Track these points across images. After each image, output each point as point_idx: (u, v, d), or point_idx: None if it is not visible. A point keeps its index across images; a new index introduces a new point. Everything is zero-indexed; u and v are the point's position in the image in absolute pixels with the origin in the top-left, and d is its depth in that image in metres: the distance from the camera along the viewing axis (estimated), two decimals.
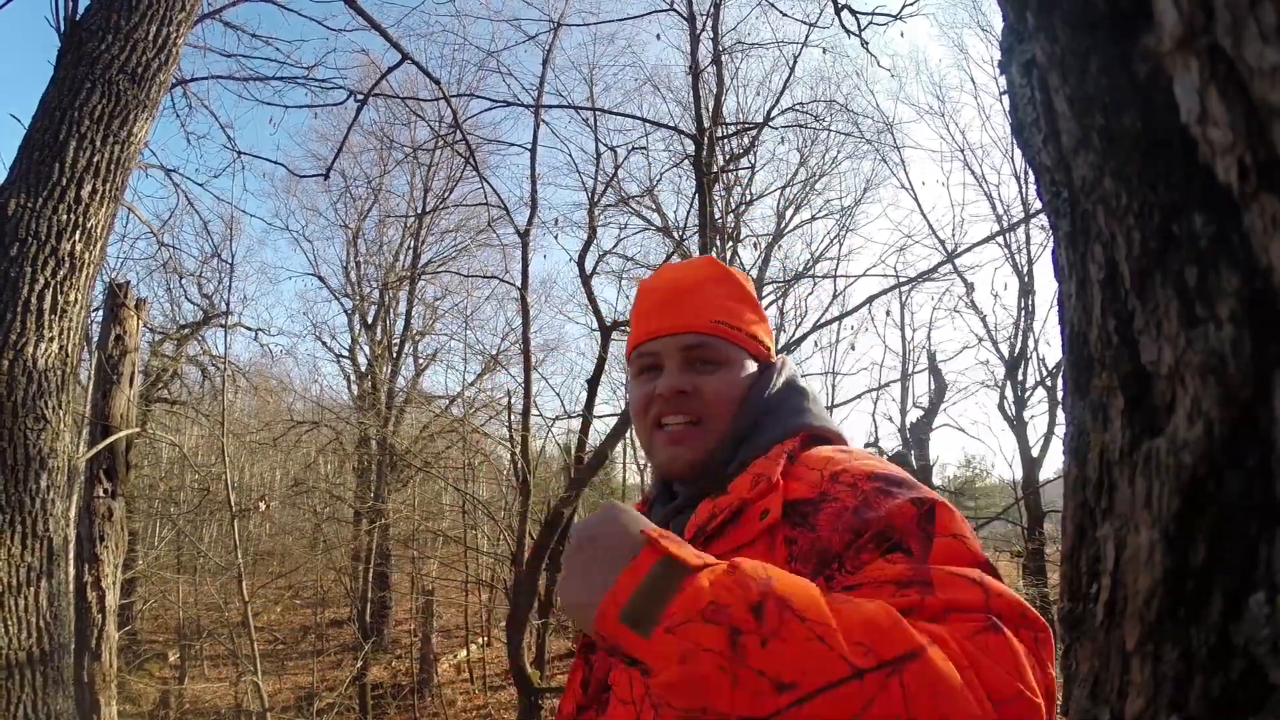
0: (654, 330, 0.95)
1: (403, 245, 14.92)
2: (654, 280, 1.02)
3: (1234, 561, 0.22)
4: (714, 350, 0.93)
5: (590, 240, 8.23)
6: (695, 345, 0.93)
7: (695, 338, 0.93)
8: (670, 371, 0.93)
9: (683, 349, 0.93)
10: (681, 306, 0.96)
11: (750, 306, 1.00)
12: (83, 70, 2.42)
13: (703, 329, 0.93)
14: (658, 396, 0.92)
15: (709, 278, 0.99)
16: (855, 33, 4.76)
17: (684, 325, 0.94)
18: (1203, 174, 0.22)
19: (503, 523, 9.04)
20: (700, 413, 0.91)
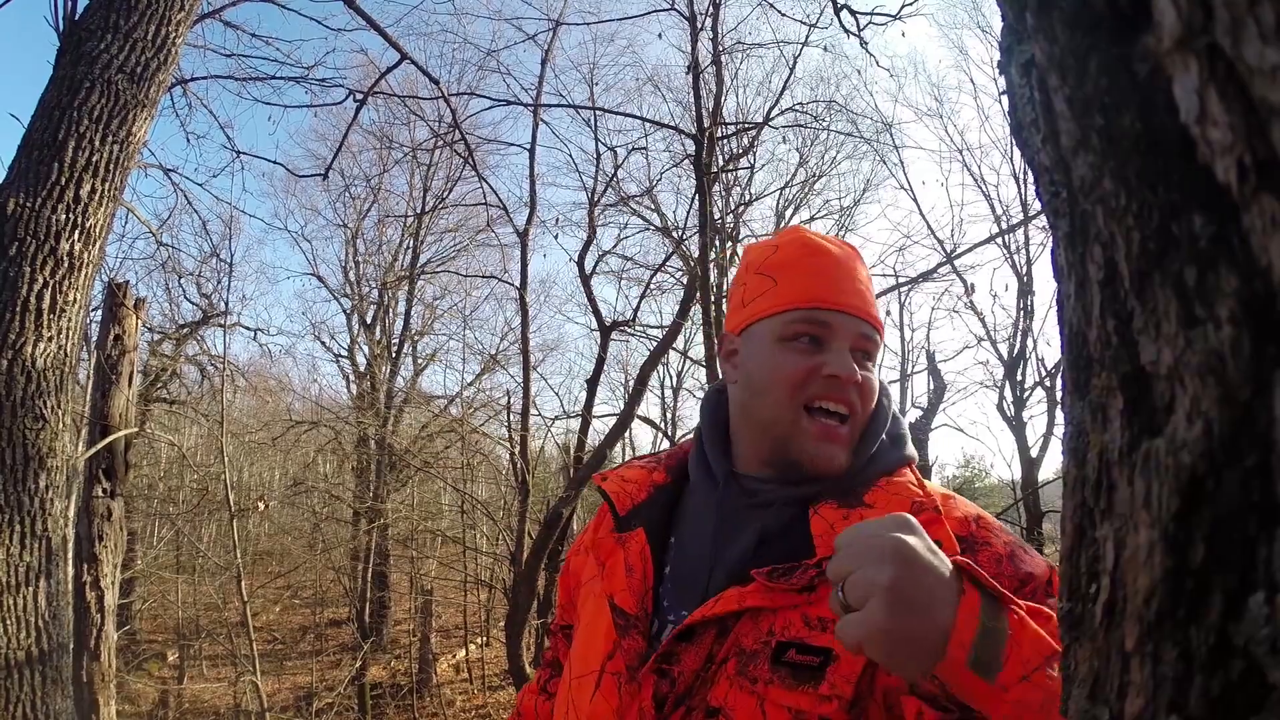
0: (836, 300, 0.84)
1: (402, 245, 14.91)
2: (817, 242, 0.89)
3: (1233, 561, 0.22)
4: (875, 346, 0.86)
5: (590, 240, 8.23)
6: (869, 337, 0.85)
7: (869, 328, 0.85)
8: (844, 354, 0.82)
9: (860, 335, 0.84)
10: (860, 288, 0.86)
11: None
12: (82, 70, 2.41)
13: (877, 322, 0.86)
14: (830, 377, 0.81)
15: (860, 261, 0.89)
16: (855, 33, 4.77)
17: (866, 311, 0.85)
18: (1202, 174, 0.23)
19: (502, 523, 9.04)
20: (856, 409, 0.83)
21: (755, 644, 0.73)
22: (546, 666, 1.09)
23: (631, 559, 0.85)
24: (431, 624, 11.71)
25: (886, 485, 0.80)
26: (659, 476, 0.93)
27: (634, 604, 0.82)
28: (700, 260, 5.91)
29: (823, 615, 0.71)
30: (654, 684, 0.76)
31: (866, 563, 0.57)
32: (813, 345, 0.83)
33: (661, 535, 0.88)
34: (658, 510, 0.90)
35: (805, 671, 0.69)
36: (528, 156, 8.00)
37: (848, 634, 0.56)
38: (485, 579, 10.80)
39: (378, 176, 14.20)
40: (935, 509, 0.75)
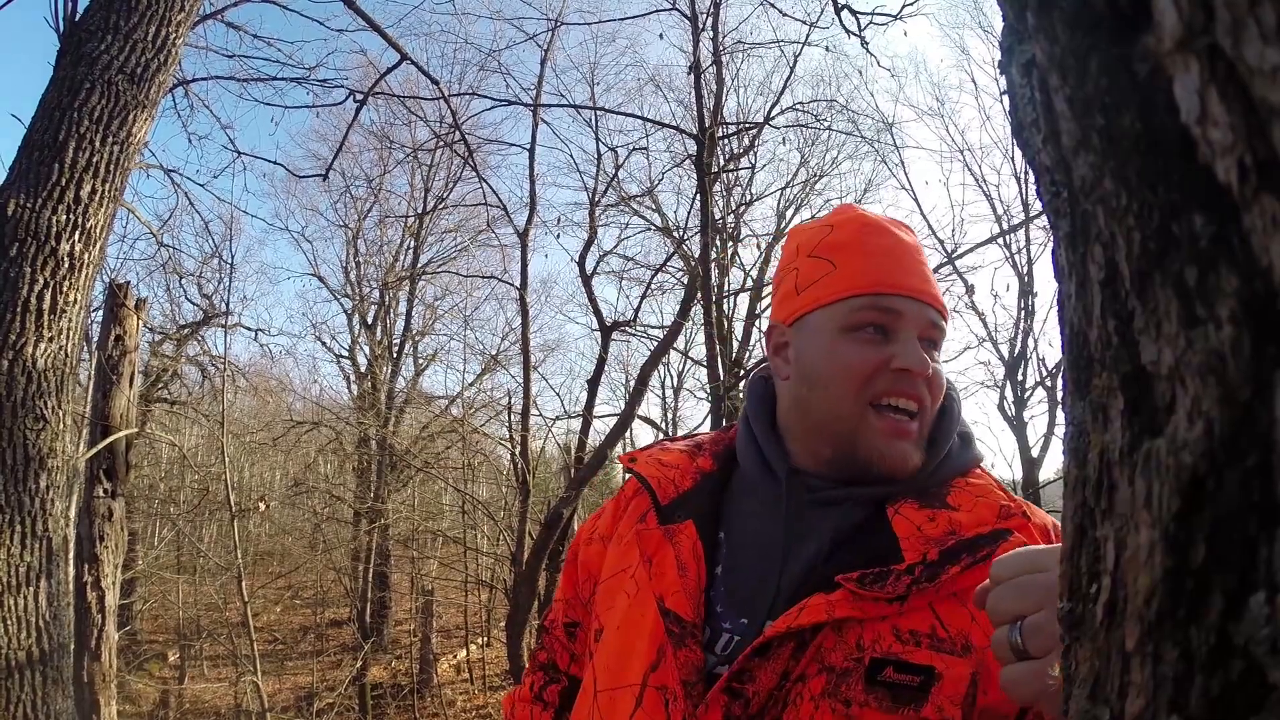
0: (904, 285, 0.76)
1: (402, 245, 14.93)
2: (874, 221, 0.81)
3: (1233, 561, 0.22)
4: (942, 335, 0.79)
5: (591, 240, 8.23)
6: (937, 324, 0.77)
7: (939, 316, 0.78)
8: (914, 344, 0.75)
9: (929, 323, 0.76)
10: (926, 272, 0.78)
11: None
12: (82, 70, 2.42)
13: (944, 309, 0.78)
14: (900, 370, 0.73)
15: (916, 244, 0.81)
16: (855, 33, 4.77)
17: (934, 296, 0.77)
18: (1203, 174, 0.23)
19: (502, 523, 9.04)
20: (926, 404, 0.76)
21: (846, 660, 0.65)
22: (538, 670, 0.95)
23: (684, 556, 0.76)
24: (432, 624, 11.71)
25: (965, 486, 0.74)
26: (705, 463, 0.85)
27: (690, 609, 0.72)
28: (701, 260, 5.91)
29: (915, 629, 0.65)
30: (724, 705, 0.67)
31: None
32: (879, 335, 0.75)
33: (710, 531, 0.79)
34: (706, 501, 0.81)
35: (906, 692, 0.62)
36: (528, 156, 8.01)
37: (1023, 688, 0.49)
38: (486, 579, 10.80)
39: (378, 177, 14.22)
40: (1023, 514, 0.70)
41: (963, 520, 0.70)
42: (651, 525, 0.80)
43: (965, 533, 0.68)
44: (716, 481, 0.83)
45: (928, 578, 0.65)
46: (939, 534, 0.69)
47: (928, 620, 0.66)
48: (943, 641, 0.64)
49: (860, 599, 0.66)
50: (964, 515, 0.70)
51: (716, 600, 0.75)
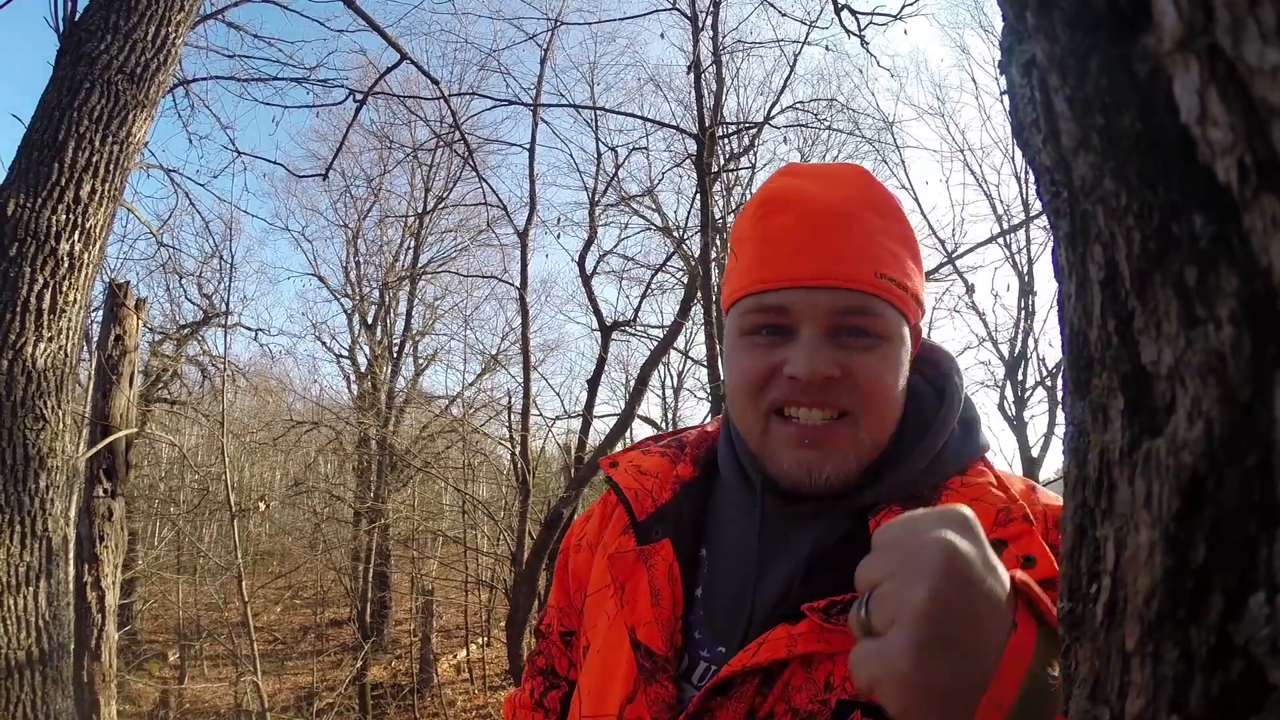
0: (791, 275, 0.66)
1: (403, 245, 14.93)
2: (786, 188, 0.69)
3: (1233, 561, 0.22)
4: (877, 319, 0.66)
5: (590, 240, 8.23)
6: (853, 309, 0.65)
7: (855, 297, 0.65)
8: (811, 343, 0.65)
9: (834, 313, 0.65)
10: (837, 244, 0.66)
11: (913, 251, 0.70)
12: (82, 70, 2.42)
13: (867, 285, 0.65)
14: (790, 379, 0.64)
15: (869, 202, 0.68)
16: (855, 33, 4.77)
17: (841, 275, 0.65)
18: (1203, 174, 0.23)
19: (503, 523, 9.05)
20: (852, 405, 0.65)
21: (811, 702, 0.59)
22: (538, 675, 0.90)
23: (658, 581, 0.70)
24: (432, 624, 11.71)
25: (961, 488, 0.65)
26: (685, 470, 0.76)
27: (662, 642, 0.67)
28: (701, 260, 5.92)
29: None
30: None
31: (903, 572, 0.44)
32: (776, 337, 0.67)
33: (691, 547, 0.72)
34: (686, 514, 0.73)
35: None
36: (528, 156, 8.01)
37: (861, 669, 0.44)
38: (486, 579, 10.80)
39: (378, 177, 14.23)
40: (1025, 517, 0.60)
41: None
42: (628, 546, 0.74)
43: None
44: (698, 490, 0.75)
45: None
46: None
47: None
48: None
49: (827, 632, 0.59)
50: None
51: (696, 625, 0.69)
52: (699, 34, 6.20)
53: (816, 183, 0.69)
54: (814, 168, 0.72)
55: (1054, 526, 0.63)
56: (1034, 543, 0.59)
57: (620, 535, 0.76)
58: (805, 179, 0.70)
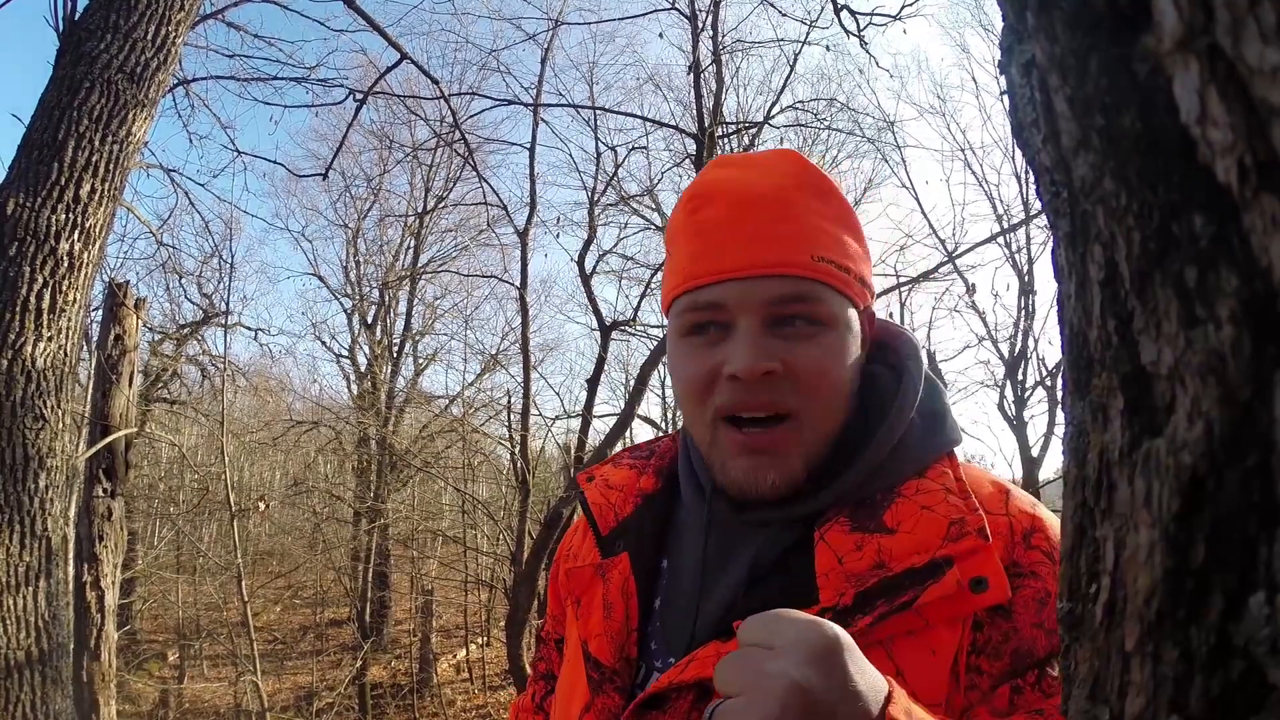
0: (723, 268, 0.62)
1: (402, 245, 14.93)
2: (715, 179, 0.67)
3: (1233, 561, 0.22)
4: (817, 304, 0.62)
5: (590, 240, 8.23)
6: (791, 297, 0.62)
7: (791, 284, 0.62)
8: (748, 337, 0.61)
9: (771, 302, 0.62)
10: (767, 231, 0.62)
11: (855, 231, 0.67)
12: (81, 70, 2.41)
13: (804, 269, 0.62)
14: (729, 378, 0.61)
15: (803, 184, 0.65)
16: (855, 33, 4.77)
17: (776, 262, 0.61)
18: (1203, 174, 0.23)
19: (502, 523, 9.05)
20: (794, 404, 0.61)
21: None
22: (540, 679, 0.91)
23: (611, 594, 0.69)
24: (432, 624, 11.71)
25: (915, 494, 0.61)
26: (647, 482, 0.75)
27: (610, 654, 0.66)
28: None
29: None
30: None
31: (750, 694, 0.44)
32: (713, 334, 0.64)
33: (652, 559, 0.71)
34: (647, 527, 0.72)
35: None
36: (528, 156, 8.00)
37: None
38: (486, 579, 10.80)
39: (378, 176, 14.23)
40: (981, 532, 0.56)
41: (895, 547, 0.57)
42: (590, 559, 0.74)
43: (895, 566, 0.56)
44: (660, 502, 0.74)
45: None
46: (863, 569, 0.57)
47: None
48: None
49: None
50: (900, 539, 0.58)
51: (653, 636, 0.68)
52: (699, 34, 6.20)
53: (747, 171, 0.66)
54: (744, 156, 0.70)
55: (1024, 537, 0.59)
56: (987, 563, 0.55)
57: (592, 549, 0.75)
58: (735, 168, 0.67)
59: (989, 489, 0.63)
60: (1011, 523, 0.59)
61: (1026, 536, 0.59)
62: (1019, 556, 0.58)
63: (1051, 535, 0.59)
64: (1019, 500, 0.62)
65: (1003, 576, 0.55)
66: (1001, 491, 0.63)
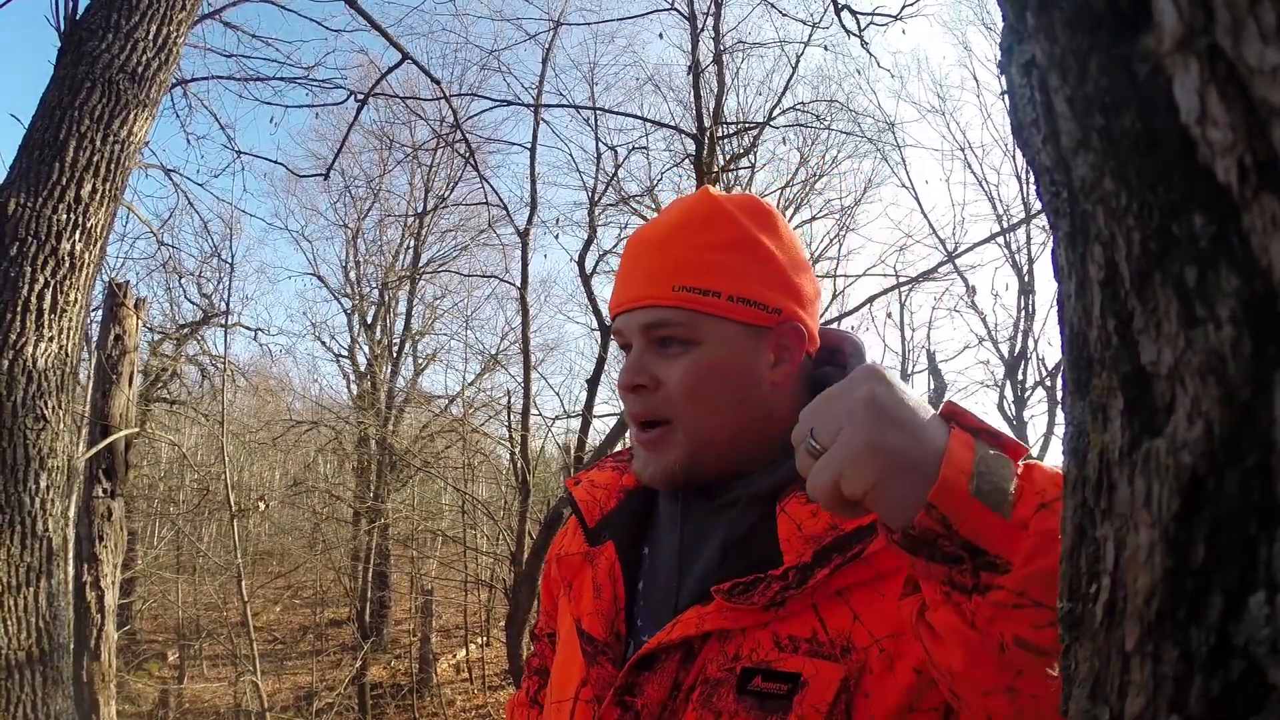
0: (618, 301, 0.76)
1: (403, 245, 14.92)
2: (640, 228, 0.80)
3: (1233, 561, 0.22)
4: (679, 327, 0.72)
5: (590, 240, 8.23)
6: (654, 324, 0.73)
7: (654, 313, 0.73)
8: (631, 357, 0.75)
9: (643, 328, 0.74)
10: (644, 268, 0.75)
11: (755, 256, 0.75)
12: (83, 69, 2.41)
13: (661, 300, 0.72)
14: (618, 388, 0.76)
15: (689, 222, 0.75)
16: (855, 33, 4.77)
17: (642, 295, 0.73)
18: (1203, 174, 0.23)
19: (502, 523, 9.05)
20: (669, 411, 0.73)
21: (720, 671, 0.66)
22: (534, 675, 1.00)
23: (600, 578, 0.78)
24: (432, 624, 11.71)
25: None
26: (629, 480, 0.84)
27: (602, 629, 0.75)
28: None
29: (794, 634, 0.65)
30: (617, 717, 0.70)
31: (837, 400, 0.50)
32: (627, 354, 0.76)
33: (634, 547, 0.80)
34: (629, 519, 0.81)
35: (772, 701, 0.63)
36: (528, 156, 8.00)
37: (822, 475, 0.48)
38: (486, 579, 10.80)
39: (378, 177, 14.22)
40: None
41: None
42: (579, 549, 0.83)
43: (845, 525, 0.64)
44: (641, 497, 0.83)
45: (798, 583, 0.64)
46: (819, 530, 0.66)
47: (810, 623, 0.65)
48: (821, 645, 0.64)
49: (733, 610, 0.66)
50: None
51: (639, 614, 0.77)
52: (699, 34, 6.20)
53: (656, 218, 0.79)
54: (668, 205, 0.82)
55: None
56: None
57: (581, 542, 0.85)
58: (654, 218, 0.81)
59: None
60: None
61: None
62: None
63: None
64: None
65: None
66: None
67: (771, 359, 0.74)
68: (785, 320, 0.75)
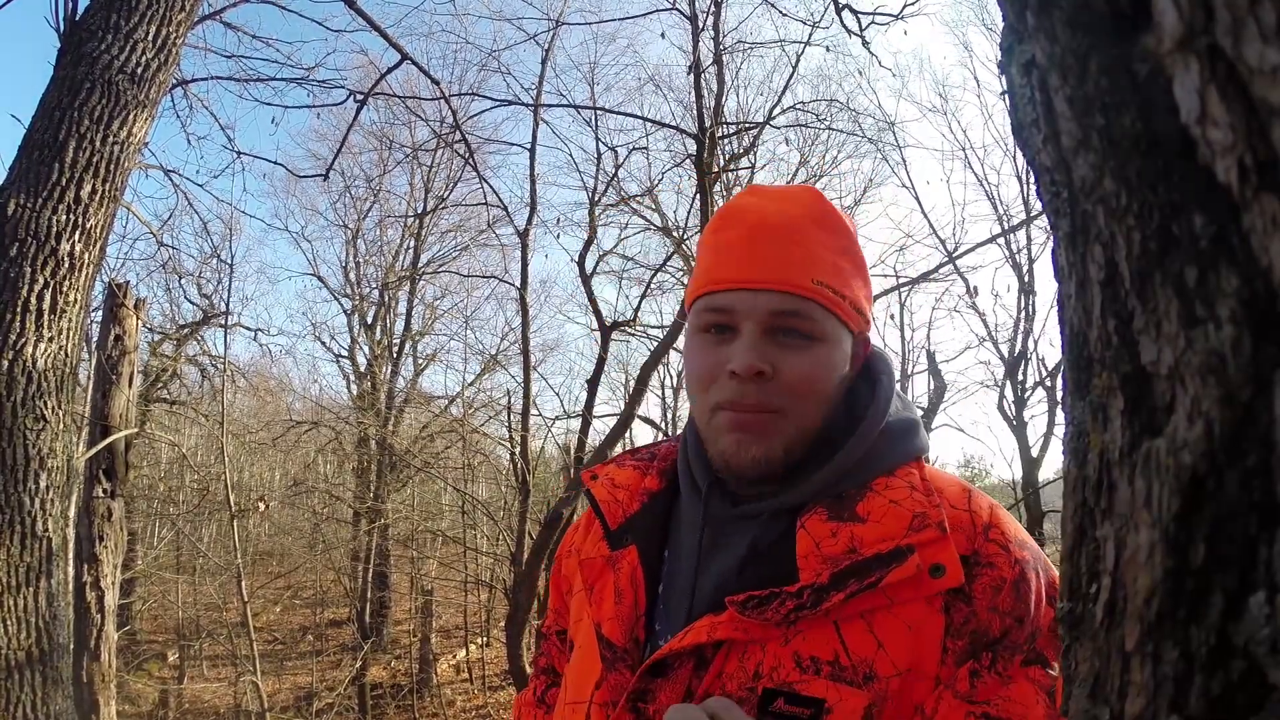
0: (735, 278, 0.72)
1: (402, 245, 14.92)
2: (740, 205, 0.77)
3: (1234, 561, 0.22)
4: (809, 321, 0.71)
5: (590, 240, 8.22)
6: (787, 311, 0.71)
7: (789, 300, 0.71)
8: (749, 341, 0.71)
9: (771, 313, 0.71)
10: (777, 253, 0.72)
11: (857, 264, 0.76)
12: (82, 70, 2.41)
13: (801, 289, 0.71)
14: (729, 374, 0.71)
15: (814, 218, 0.75)
16: (856, 33, 4.77)
17: (777, 280, 0.71)
18: (1203, 174, 0.23)
19: (502, 523, 9.04)
20: (781, 403, 0.71)
21: (740, 689, 0.65)
22: (541, 674, 0.98)
23: (622, 583, 0.78)
24: (432, 624, 11.71)
25: (885, 490, 0.69)
26: (652, 482, 0.83)
27: (622, 635, 0.75)
28: None
29: (816, 655, 0.64)
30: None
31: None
32: (723, 335, 0.73)
33: (656, 552, 0.79)
34: (652, 522, 0.80)
35: None
36: (528, 156, 7.99)
37: None
38: (486, 579, 10.79)
39: (378, 177, 14.21)
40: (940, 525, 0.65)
41: (866, 535, 0.66)
42: (600, 551, 0.82)
43: (865, 551, 0.65)
44: (663, 500, 0.82)
45: (812, 604, 0.64)
46: (838, 552, 0.65)
47: (832, 644, 0.64)
48: (844, 670, 0.63)
49: (743, 621, 0.66)
50: (870, 528, 0.66)
51: (657, 619, 0.76)
52: (699, 34, 6.20)
53: (769, 201, 0.76)
54: (772, 189, 0.80)
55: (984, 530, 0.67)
56: (944, 551, 0.64)
57: (598, 543, 0.83)
58: (760, 198, 0.77)
59: (954, 489, 0.72)
60: (973, 518, 0.68)
61: (985, 530, 0.67)
62: (979, 547, 0.66)
63: (1006, 529, 0.67)
64: (979, 499, 0.71)
65: (958, 564, 0.64)
66: (964, 491, 0.71)
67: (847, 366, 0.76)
68: (864, 330, 0.77)
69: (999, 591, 0.63)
